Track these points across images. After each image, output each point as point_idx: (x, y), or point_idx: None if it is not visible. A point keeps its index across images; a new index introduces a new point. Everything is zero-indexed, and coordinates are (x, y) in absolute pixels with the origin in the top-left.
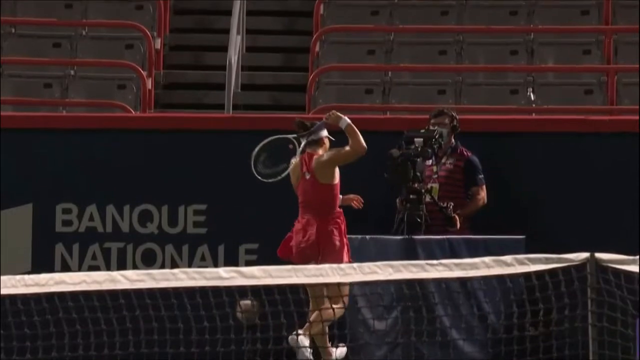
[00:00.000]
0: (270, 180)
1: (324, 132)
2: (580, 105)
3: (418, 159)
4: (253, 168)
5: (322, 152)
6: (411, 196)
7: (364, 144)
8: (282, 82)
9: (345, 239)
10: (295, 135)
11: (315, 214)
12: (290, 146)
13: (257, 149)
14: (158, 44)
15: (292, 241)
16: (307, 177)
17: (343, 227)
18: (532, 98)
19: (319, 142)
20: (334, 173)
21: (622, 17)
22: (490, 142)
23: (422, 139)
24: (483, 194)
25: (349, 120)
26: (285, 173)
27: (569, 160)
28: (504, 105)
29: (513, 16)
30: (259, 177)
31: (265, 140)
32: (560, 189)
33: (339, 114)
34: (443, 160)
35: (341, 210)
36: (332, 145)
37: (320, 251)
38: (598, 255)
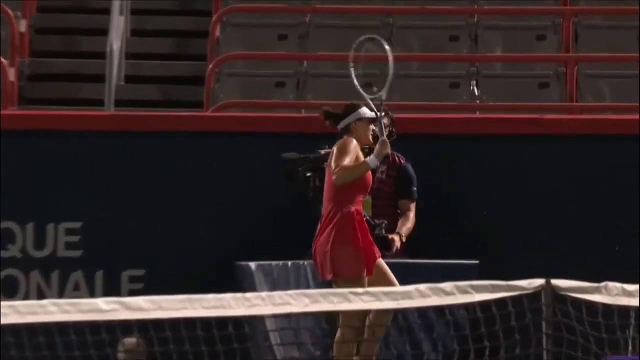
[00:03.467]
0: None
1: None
2: (534, 101)
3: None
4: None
5: (347, 140)
6: None
7: (346, 176)
8: (174, 73)
9: (356, 245)
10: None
11: (325, 211)
12: (375, 88)
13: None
14: (22, 26)
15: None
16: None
17: (354, 227)
18: (476, 93)
19: (348, 128)
20: (347, 155)
21: None
22: (425, 146)
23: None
24: (414, 209)
25: (375, 162)
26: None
27: (522, 168)
28: (441, 101)
29: None
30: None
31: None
32: (513, 203)
33: (387, 151)
34: None
35: (357, 209)
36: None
37: (329, 259)
38: (555, 281)
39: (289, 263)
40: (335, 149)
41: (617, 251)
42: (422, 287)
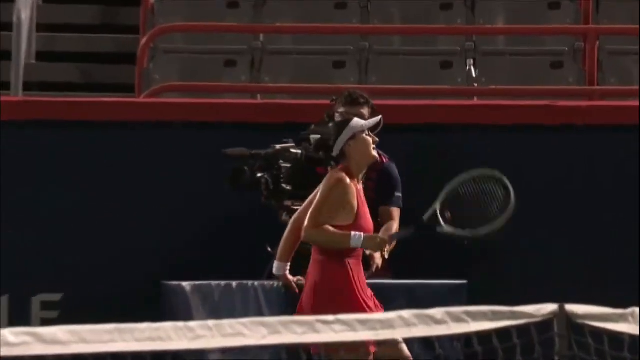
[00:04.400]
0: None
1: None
2: (545, 84)
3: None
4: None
5: (339, 181)
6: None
7: (317, 241)
8: (97, 49)
9: (348, 297)
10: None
11: (313, 255)
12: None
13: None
14: None
15: None
16: None
17: (350, 285)
18: (474, 74)
19: (343, 154)
20: (330, 207)
21: None
22: (410, 140)
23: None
24: (398, 220)
25: (358, 246)
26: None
27: (530, 167)
28: (431, 84)
29: None
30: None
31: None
32: (518, 208)
33: (379, 250)
34: None
35: (352, 262)
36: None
37: (311, 307)
38: (570, 307)
39: (234, 283)
40: (321, 187)
41: None
42: (407, 314)
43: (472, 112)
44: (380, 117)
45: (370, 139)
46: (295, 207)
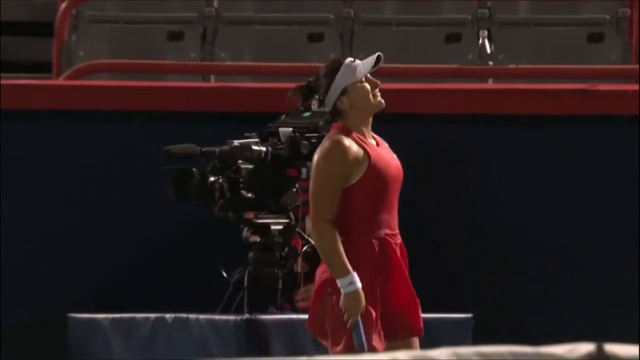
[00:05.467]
0: None
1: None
2: (580, 63)
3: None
4: None
5: (335, 143)
6: (258, 239)
7: (314, 239)
8: (7, 18)
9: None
10: None
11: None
12: None
13: None
14: None
15: None
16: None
17: (372, 269)
18: (488, 50)
19: (337, 110)
20: (334, 180)
21: None
22: (408, 134)
23: (291, 132)
24: None
25: (344, 287)
26: None
27: (558, 166)
28: (433, 63)
29: None
30: None
31: None
32: (543, 217)
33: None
34: None
35: (377, 237)
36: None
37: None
38: (610, 347)
39: (168, 317)
40: (315, 157)
41: None
42: (404, 355)
43: (486, 98)
44: (377, 54)
45: (367, 87)
46: (259, 221)
